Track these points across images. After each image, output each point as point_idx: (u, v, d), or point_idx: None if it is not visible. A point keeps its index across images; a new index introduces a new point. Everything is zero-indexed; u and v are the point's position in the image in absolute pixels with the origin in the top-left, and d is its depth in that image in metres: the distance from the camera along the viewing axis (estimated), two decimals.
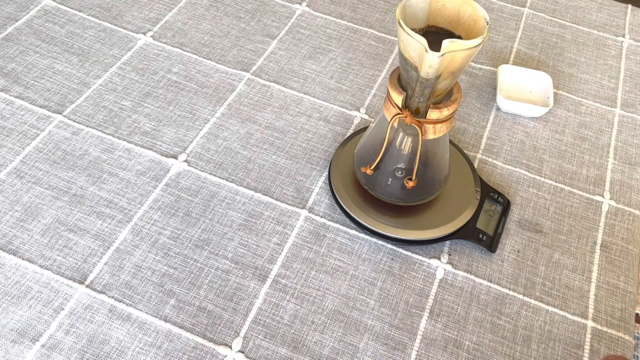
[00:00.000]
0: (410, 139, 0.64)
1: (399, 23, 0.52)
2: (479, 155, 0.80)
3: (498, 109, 0.86)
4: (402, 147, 0.66)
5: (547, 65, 0.94)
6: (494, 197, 0.73)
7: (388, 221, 0.68)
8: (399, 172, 0.67)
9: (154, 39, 0.88)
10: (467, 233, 0.69)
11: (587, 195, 0.78)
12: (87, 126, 0.77)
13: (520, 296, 0.67)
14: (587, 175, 0.80)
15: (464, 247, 0.70)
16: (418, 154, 0.62)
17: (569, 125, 0.86)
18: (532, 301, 0.67)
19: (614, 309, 0.67)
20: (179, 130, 0.78)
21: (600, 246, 0.73)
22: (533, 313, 0.66)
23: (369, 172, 0.65)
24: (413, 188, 0.66)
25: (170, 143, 0.76)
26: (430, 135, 0.61)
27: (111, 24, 0.90)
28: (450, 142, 0.76)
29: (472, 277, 0.68)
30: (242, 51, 0.89)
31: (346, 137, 0.78)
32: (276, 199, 0.72)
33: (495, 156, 0.80)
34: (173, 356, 0.59)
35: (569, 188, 0.78)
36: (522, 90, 0.87)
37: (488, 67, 0.92)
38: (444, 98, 0.59)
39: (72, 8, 0.91)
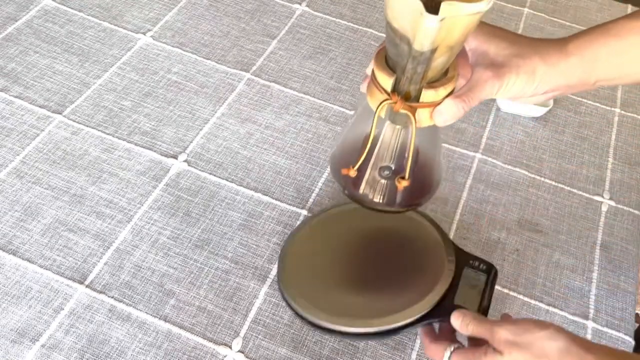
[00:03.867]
0: (400, 131, 0.54)
1: None
2: (478, 155, 0.80)
3: (498, 109, 0.86)
4: (391, 140, 0.55)
5: None
6: (474, 265, 0.63)
7: (341, 311, 0.60)
8: (386, 172, 0.58)
9: (153, 39, 0.88)
10: (444, 312, 0.58)
11: (587, 195, 0.78)
12: (87, 126, 0.77)
13: (521, 296, 0.67)
14: (587, 175, 0.80)
15: (465, 247, 0.70)
16: (411, 147, 0.52)
17: (569, 125, 0.86)
18: (532, 301, 0.67)
19: (614, 309, 0.67)
20: (178, 130, 0.78)
21: (600, 246, 0.73)
22: (533, 313, 0.66)
23: (352, 173, 0.55)
24: (405, 189, 0.56)
25: (170, 143, 0.76)
26: (425, 122, 0.51)
27: (111, 24, 0.90)
28: (419, 212, 0.68)
29: None
30: (242, 51, 0.89)
31: None
32: (276, 199, 0.72)
33: (495, 156, 0.80)
34: (173, 356, 0.59)
35: (568, 188, 0.78)
36: None
37: None
38: (440, 78, 0.50)
39: (72, 8, 0.91)
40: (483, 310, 0.59)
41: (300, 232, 0.68)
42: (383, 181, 0.58)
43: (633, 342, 0.65)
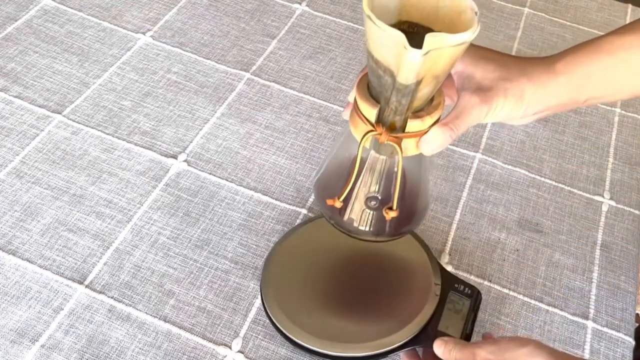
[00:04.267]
0: (386, 160, 0.53)
1: (368, 16, 0.41)
2: (478, 155, 0.80)
3: None
4: (377, 170, 0.54)
5: None
6: (459, 289, 0.63)
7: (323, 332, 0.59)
8: (373, 202, 0.55)
9: (153, 39, 0.88)
10: (427, 339, 0.59)
11: (587, 195, 0.78)
12: (87, 126, 0.77)
13: (520, 296, 0.67)
14: (587, 175, 0.80)
15: (465, 247, 0.70)
16: (398, 178, 0.50)
17: (569, 125, 0.86)
18: (532, 301, 0.67)
19: (614, 309, 0.67)
20: (178, 130, 0.78)
21: (601, 246, 0.73)
22: (533, 313, 0.66)
23: (337, 205, 0.53)
24: (393, 219, 0.53)
25: (170, 143, 0.76)
26: (412, 152, 0.49)
27: (111, 23, 0.90)
28: (413, 234, 0.67)
29: (473, 277, 0.68)
30: (242, 51, 0.89)
31: None
32: (276, 199, 0.72)
33: (495, 156, 0.80)
34: (173, 356, 0.59)
35: (569, 188, 0.78)
36: None
37: None
38: (425, 106, 0.48)
39: (71, 8, 0.91)
40: (466, 337, 0.60)
41: (283, 245, 0.66)
42: (370, 212, 0.56)
43: (633, 342, 0.65)
